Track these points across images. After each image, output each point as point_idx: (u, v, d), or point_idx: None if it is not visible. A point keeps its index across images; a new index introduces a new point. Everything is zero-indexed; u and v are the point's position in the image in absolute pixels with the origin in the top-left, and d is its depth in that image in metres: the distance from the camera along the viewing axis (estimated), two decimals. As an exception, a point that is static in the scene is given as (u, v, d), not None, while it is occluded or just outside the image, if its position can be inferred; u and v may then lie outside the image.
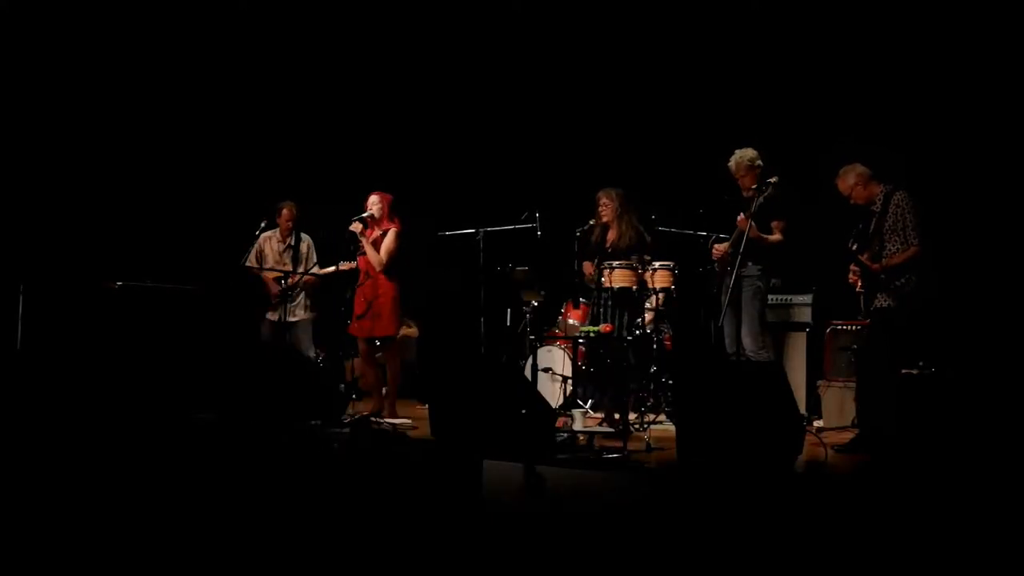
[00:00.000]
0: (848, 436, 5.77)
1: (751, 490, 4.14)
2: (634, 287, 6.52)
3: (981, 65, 6.72)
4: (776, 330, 7.00)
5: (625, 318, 6.64)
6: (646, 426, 5.97)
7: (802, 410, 6.02)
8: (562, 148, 8.52)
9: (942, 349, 5.81)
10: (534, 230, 7.03)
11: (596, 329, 6.52)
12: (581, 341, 6.69)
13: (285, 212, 7.42)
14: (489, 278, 7.10)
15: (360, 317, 7.03)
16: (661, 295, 6.53)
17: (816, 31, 7.35)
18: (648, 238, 6.76)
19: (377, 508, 4.73)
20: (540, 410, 5.33)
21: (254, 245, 7.37)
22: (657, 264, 6.53)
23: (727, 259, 6.26)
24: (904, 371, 5.43)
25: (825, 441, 5.24)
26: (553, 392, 6.81)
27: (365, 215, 7.06)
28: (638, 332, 6.56)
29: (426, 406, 6.03)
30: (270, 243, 7.46)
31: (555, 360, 7.04)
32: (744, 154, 6.35)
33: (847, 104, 7.26)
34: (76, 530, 4.72)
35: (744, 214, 6.04)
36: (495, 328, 7.48)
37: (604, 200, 6.81)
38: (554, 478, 4.54)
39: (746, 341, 6.24)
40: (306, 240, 7.43)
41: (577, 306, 7.43)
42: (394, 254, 7.03)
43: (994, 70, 6.68)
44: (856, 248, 5.69)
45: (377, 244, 7.04)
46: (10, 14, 8.40)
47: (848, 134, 6.90)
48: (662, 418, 6.46)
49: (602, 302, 6.69)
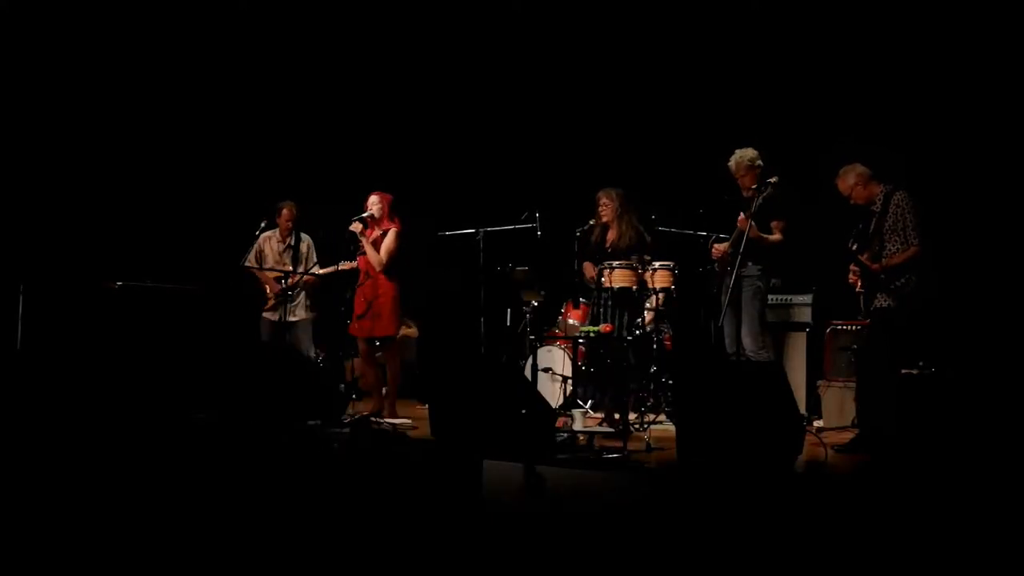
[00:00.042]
0: (848, 436, 5.77)
1: (751, 490, 4.14)
2: (634, 287, 6.52)
3: (981, 65, 6.72)
4: (776, 330, 7.00)
5: (625, 318, 6.64)
6: (646, 426, 5.97)
7: (802, 410, 6.01)
8: (562, 148, 8.51)
9: (942, 349, 5.81)
10: (534, 230, 7.03)
11: (596, 329, 6.52)
12: (581, 341, 6.69)
13: (285, 212, 7.42)
14: (489, 278, 7.10)
15: (360, 317, 7.03)
16: (661, 295, 6.53)
17: (816, 31, 7.35)
18: (648, 238, 6.77)
19: (377, 508, 4.73)
20: (540, 410, 5.33)
21: (254, 245, 7.38)
22: (657, 264, 6.53)
23: (727, 259, 6.26)
24: (904, 371, 5.43)
25: (825, 441, 5.24)
26: (553, 392, 6.81)
27: (365, 215, 7.06)
28: (638, 332, 6.56)
29: (426, 406, 6.03)
30: (270, 243, 7.46)
31: (555, 360, 7.04)
32: (744, 154, 6.36)
33: (847, 104, 7.26)
34: (76, 530, 4.72)
35: (744, 214, 6.05)
36: (495, 328, 7.48)
37: (604, 200, 6.82)
38: (554, 478, 4.54)
39: (746, 341, 6.25)
40: (306, 240, 7.42)
41: (577, 306, 7.42)
42: (394, 254, 7.03)
43: (994, 70, 6.68)
44: (856, 248, 5.69)
45: (377, 244, 7.05)
46: (10, 14, 8.40)
47: (848, 134, 6.90)
48: (662, 418, 6.46)
49: (602, 302, 6.69)
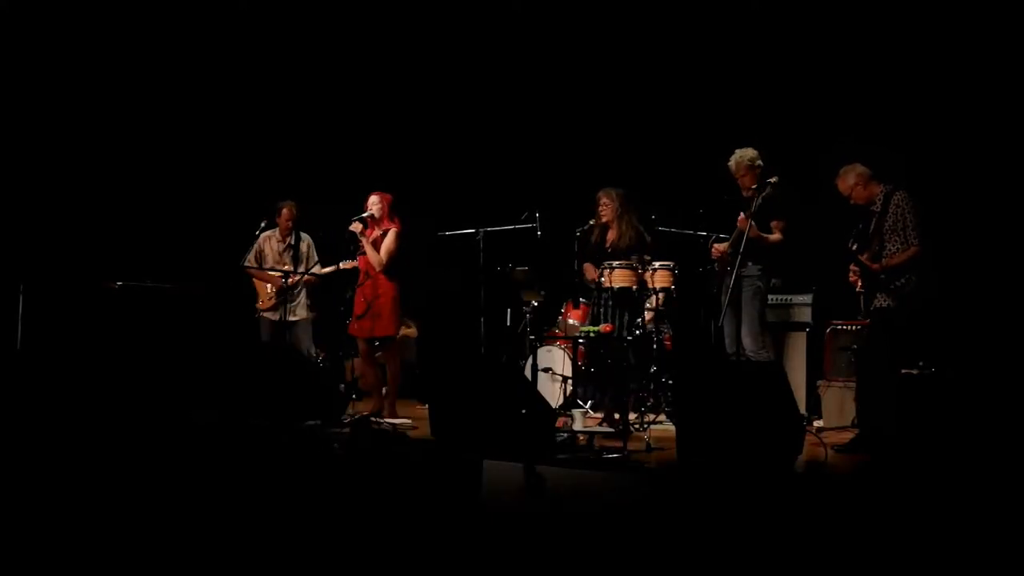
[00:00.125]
0: (848, 436, 5.77)
1: (751, 490, 4.14)
2: (634, 287, 6.52)
3: (981, 65, 6.71)
4: (776, 330, 7.00)
5: (625, 318, 6.64)
6: (646, 426, 5.96)
7: (802, 410, 6.01)
8: (562, 148, 8.51)
9: (942, 349, 5.81)
10: (534, 230, 7.03)
11: (596, 329, 6.52)
12: (581, 341, 6.69)
13: (285, 212, 7.42)
14: (489, 278, 7.10)
15: (360, 317, 7.03)
16: (661, 295, 6.52)
17: (816, 31, 7.35)
18: (648, 238, 6.76)
19: (377, 508, 4.73)
20: (540, 410, 5.32)
21: (254, 245, 7.38)
22: (657, 264, 6.52)
23: (727, 259, 6.26)
24: (904, 371, 5.43)
25: (825, 441, 5.24)
26: (553, 392, 6.81)
27: (365, 215, 7.06)
28: (638, 332, 6.56)
29: (426, 406, 6.03)
30: (270, 243, 7.46)
31: (555, 360, 7.04)
32: (744, 154, 6.36)
33: (847, 104, 7.26)
34: (76, 530, 4.72)
35: (744, 213, 6.04)
36: (495, 328, 7.48)
37: (604, 200, 6.82)
38: (554, 478, 4.54)
39: (746, 341, 6.25)
40: (306, 239, 7.42)
41: (577, 306, 7.42)
42: (394, 254, 7.03)
43: (994, 70, 6.67)
44: (856, 248, 5.69)
45: (377, 244, 7.04)
46: (10, 14, 8.40)
47: (848, 134, 6.90)
48: (662, 418, 6.46)
49: (602, 302, 6.69)
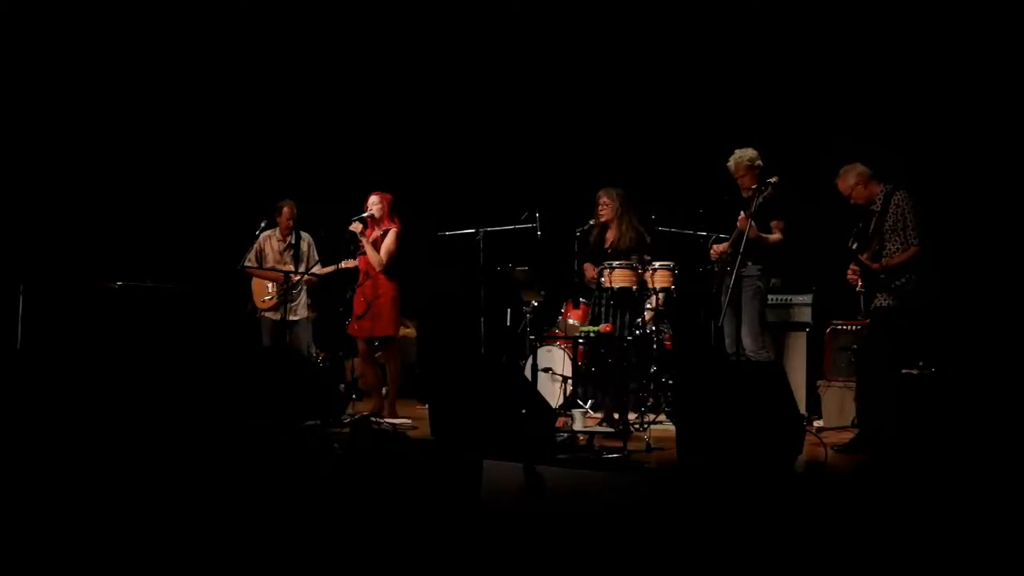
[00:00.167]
0: (848, 436, 5.77)
1: (751, 490, 4.13)
2: (634, 287, 6.52)
3: (981, 65, 6.71)
4: (776, 330, 7.00)
5: (625, 318, 6.64)
6: (646, 426, 5.96)
7: (802, 410, 6.01)
8: (562, 148, 8.51)
9: (942, 349, 5.81)
10: (534, 230, 7.03)
11: (596, 329, 6.52)
12: (581, 341, 6.69)
13: (286, 211, 7.42)
14: (489, 278, 7.10)
15: (360, 317, 7.03)
16: (661, 295, 6.53)
17: (816, 31, 7.34)
18: (648, 238, 6.76)
19: (377, 508, 4.73)
20: (540, 410, 5.33)
21: (254, 245, 7.37)
22: (657, 264, 6.52)
23: (727, 259, 6.26)
24: (904, 371, 5.43)
25: (825, 441, 5.24)
26: (553, 392, 6.80)
27: (365, 215, 7.06)
28: (638, 332, 6.56)
29: (426, 406, 6.03)
30: (270, 242, 7.46)
31: (555, 360, 7.04)
32: (743, 154, 6.35)
33: (847, 104, 7.26)
34: (76, 530, 4.72)
35: (744, 213, 6.04)
36: (495, 328, 7.48)
37: (604, 199, 6.81)
38: (554, 478, 4.53)
39: (746, 341, 6.24)
40: (306, 238, 7.42)
41: (577, 306, 7.42)
42: (394, 254, 7.03)
43: (994, 70, 6.67)
44: (856, 247, 5.69)
45: (377, 244, 7.04)
46: (10, 14, 8.40)
47: (848, 134, 6.90)
48: (662, 418, 6.45)
49: (602, 302, 6.69)
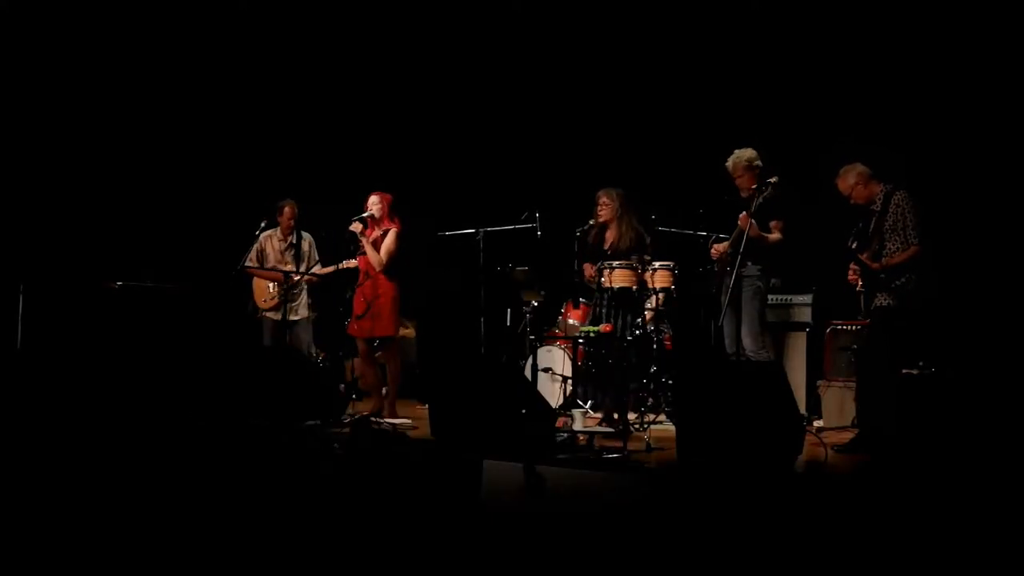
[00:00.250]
0: (848, 436, 5.77)
1: (751, 490, 4.14)
2: (634, 287, 6.52)
3: (981, 65, 6.71)
4: (776, 330, 7.00)
5: (626, 318, 6.63)
6: (646, 426, 5.96)
7: (802, 410, 6.01)
8: (562, 148, 8.51)
9: (942, 349, 5.81)
10: (534, 230, 7.03)
11: (596, 329, 6.52)
12: (581, 341, 6.68)
13: (287, 210, 7.42)
14: (489, 278, 7.10)
15: (360, 317, 7.02)
16: (661, 295, 6.53)
17: (816, 31, 7.34)
18: (648, 239, 6.75)
19: (377, 508, 4.73)
20: (540, 410, 5.33)
21: (254, 245, 7.38)
22: (657, 264, 6.52)
23: (727, 259, 6.26)
24: (904, 371, 5.43)
25: (825, 441, 5.24)
26: (553, 392, 6.80)
27: (365, 215, 7.06)
28: (638, 332, 6.56)
29: (426, 406, 6.03)
30: (271, 242, 7.46)
31: (555, 360, 7.04)
32: (742, 154, 6.35)
33: (847, 104, 7.26)
34: (76, 530, 4.72)
35: (745, 212, 6.04)
36: (495, 328, 7.47)
37: (604, 200, 6.81)
38: (554, 478, 4.54)
39: (746, 341, 6.24)
40: (307, 238, 7.42)
41: (577, 306, 7.42)
42: (394, 254, 7.03)
43: (994, 70, 6.67)
44: (856, 247, 5.69)
45: (377, 244, 7.04)
46: (10, 14, 8.40)
47: (848, 134, 6.90)
48: (662, 418, 6.45)
49: (602, 302, 6.69)
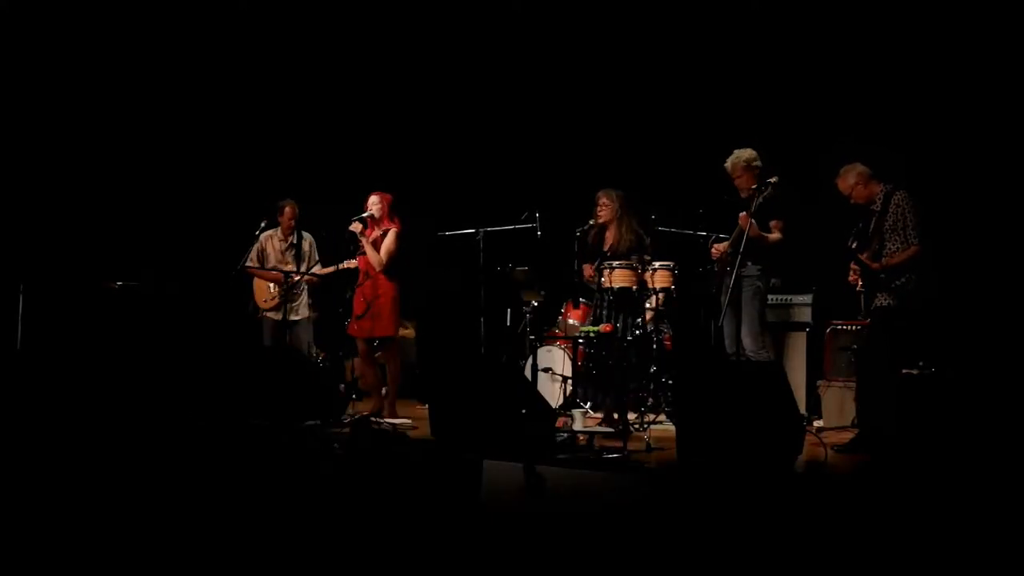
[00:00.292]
0: (848, 436, 5.77)
1: (751, 490, 4.14)
2: (634, 287, 6.52)
3: (981, 65, 6.71)
4: (776, 330, 7.00)
5: (626, 319, 6.64)
6: (646, 426, 5.96)
7: (802, 410, 6.01)
8: (562, 148, 8.51)
9: (942, 349, 5.81)
10: (534, 230, 7.03)
11: (596, 329, 6.52)
12: (581, 341, 6.69)
13: (288, 211, 7.42)
14: (489, 278, 7.10)
15: (359, 317, 7.02)
16: (661, 295, 6.53)
17: (816, 31, 7.35)
18: (647, 240, 6.75)
19: (377, 508, 4.73)
20: (540, 410, 5.33)
21: (255, 245, 7.38)
22: (657, 264, 6.52)
23: (727, 259, 6.26)
24: (904, 371, 5.43)
25: (825, 441, 5.24)
26: (553, 392, 6.80)
27: (365, 215, 7.06)
28: (638, 332, 6.56)
29: (426, 406, 6.03)
30: (271, 242, 7.47)
31: (555, 360, 7.04)
32: (741, 154, 6.35)
33: (847, 104, 7.26)
34: (76, 530, 4.72)
35: (745, 212, 6.04)
36: (495, 328, 7.48)
37: (604, 200, 6.81)
38: (554, 478, 4.54)
39: (746, 341, 6.24)
40: (308, 238, 7.43)
41: (577, 306, 7.42)
42: (394, 254, 7.03)
43: (994, 70, 6.67)
44: (856, 247, 5.69)
45: (377, 244, 7.04)
46: (10, 14, 8.40)
47: (848, 134, 6.90)
48: (662, 418, 6.45)
49: (602, 302, 6.69)
